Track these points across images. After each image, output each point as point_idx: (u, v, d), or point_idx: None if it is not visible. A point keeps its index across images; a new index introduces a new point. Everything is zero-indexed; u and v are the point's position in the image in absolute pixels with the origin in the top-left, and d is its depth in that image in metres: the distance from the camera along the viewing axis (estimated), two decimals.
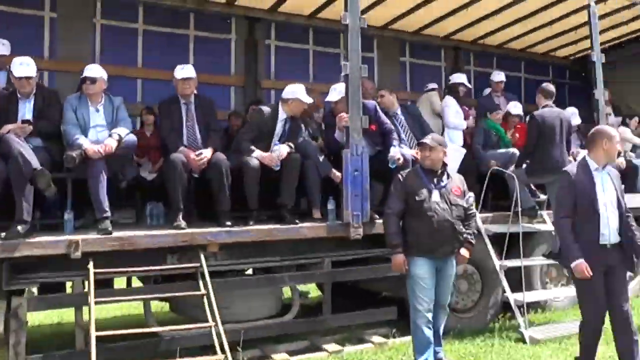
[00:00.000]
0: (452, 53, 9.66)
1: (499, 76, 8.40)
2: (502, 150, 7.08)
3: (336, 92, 5.94)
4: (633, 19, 9.12)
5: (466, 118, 7.53)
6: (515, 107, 7.68)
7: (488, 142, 7.20)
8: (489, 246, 6.08)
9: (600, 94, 7.31)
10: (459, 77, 7.70)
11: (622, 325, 4.31)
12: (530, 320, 6.32)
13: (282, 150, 5.58)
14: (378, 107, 6.31)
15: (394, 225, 4.69)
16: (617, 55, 10.41)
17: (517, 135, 7.53)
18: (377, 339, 5.71)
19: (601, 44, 9.89)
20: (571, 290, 6.47)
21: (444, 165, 4.83)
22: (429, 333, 4.61)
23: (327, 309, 5.67)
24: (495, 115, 7.44)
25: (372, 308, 5.97)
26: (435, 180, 4.72)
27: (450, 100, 7.35)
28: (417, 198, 4.61)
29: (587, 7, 7.48)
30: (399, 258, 4.63)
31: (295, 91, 5.81)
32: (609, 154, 4.37)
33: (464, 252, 4.76)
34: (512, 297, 5.92)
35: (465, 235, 4.73)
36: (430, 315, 4.62)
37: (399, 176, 4.80)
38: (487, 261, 6.15)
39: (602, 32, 9.22)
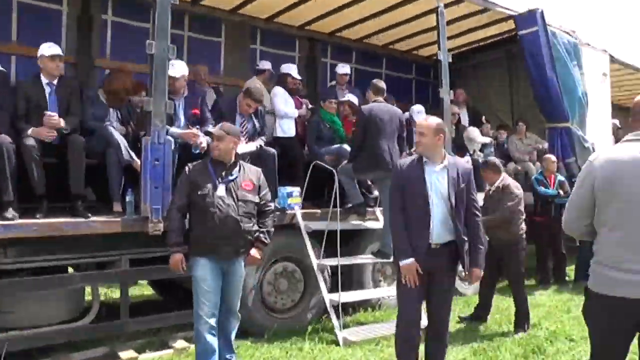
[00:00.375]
0: (307, 44, 9.30)
1: (343, 69, 8.14)
2: (337, 146, 6.77)
3: None
4: (488, 24, 9.16)
5: (298, 107, 7.18)
6: (347, 96, 7.44)
7: (323, 136, 6.86)
8: (308, 244, 5.76)
9: (446, 93, 7.22)
10: (287, 68, 7.34)
11: (436, 333, 4.10)
12: (358, 320, 6.17)
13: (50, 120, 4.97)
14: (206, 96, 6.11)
15: (174, 222, 4.25)
16: (482, 57, 10.57)
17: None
18: (180, 343, 5.26)
19: (463, 45, 10.09)
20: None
21: (237, 156, 4.44)
22: (212, 340, 4.21)
23: (125, 311, 5.13)
24: (329, 104, 7.09)
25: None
26: (223, 173, 4.31)
27: (278, 89, 6.99)
28: (199, 192, 4.21)
29: (437, 8, 7.34)
30: (175, 257, 4.22)
31: (41, 48, 5.25)
32: (420, 144, 4.05)
33: (254, 252, 4.38)
34: (328, 297, 5.62)
35: (256, 234, 4.36)
36: (213, 321, 4.21)
37: (186, 168, 4.38)
38: (310, 259, 5.83)
39: (461, 34, 9.34)
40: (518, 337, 5.66)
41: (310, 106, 7.39)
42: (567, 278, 8.66)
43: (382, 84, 6.27)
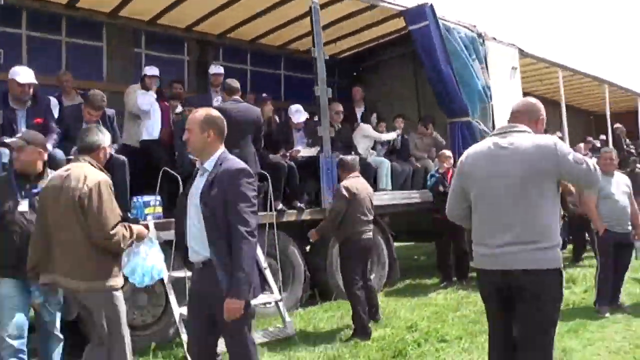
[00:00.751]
0: (197, 46, 9.00)
1: (215, 68, 7.81)
2: None
3: None
4: (383, 21, 9.04)
5: (165, 112, 6.82)
6: (219, 100, 7.09)
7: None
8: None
9: (323, 91, 7.01)
10: (147, 69, 7.01)
11: None
12: None
13: None
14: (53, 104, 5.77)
15: None
16: (386, 55, 10.46)
17: None
18: None
19: (364, 43, 9.95)
20: (269, 297, 6.04)
21: (45, 166, 4.12)
22: None
23: None
24: (188, 112, 6.73)
25: None
26: (27, 186, 3.98)
27: (138, 91, 6.70)
28: (0, 209, 3.87)
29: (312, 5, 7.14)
30: None
31: None
32: (188, 143, 3.41)
33: None
34: (177, 311, 5.29)
35: None
36: (19, 343, 3.86)
37: None
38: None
39: (357, 32, 9.19)
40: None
41: (179, 110, 7.05)
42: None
43: (235, 84, 5.97)
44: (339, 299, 6.99)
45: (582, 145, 13.10)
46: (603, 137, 14.17)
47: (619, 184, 6.48)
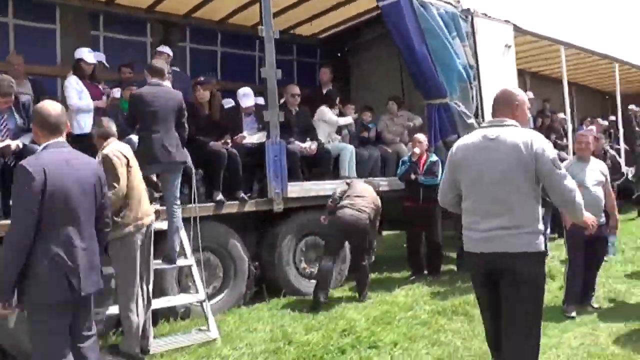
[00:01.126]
0: (160, 27, 8.57)
1: (160, 48, 7.35)
2: (127, 138, 5.96)
3: None
4: None
5: (97, 97, 6.36)
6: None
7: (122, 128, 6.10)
8: None
9: (273, 72, 6.54)
10: (79, 53, 6.44)
11: None
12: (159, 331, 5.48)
13: None
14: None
15: None
16: (370, 34, 9.94)
17: None
18: None
19: (346, 21, 9.41)
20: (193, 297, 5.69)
21: None
22: None
23: None
24: (127, 91, 6.31)
25: None
26: None
27: (70, 80, 6.20)
28: None
29: None
30: None
31: None
32: None
33: None
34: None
35: None
36: None
37: None
38: None
39: (330, 10, 8.69)
40: None
41: (116, 95, 6.67)
42: (455, 268, 8.03)
43: (160, 65, 5.48)
44: (289, 295, 6.62)
45: (593, 127, 12.36)
46: (612, 118, 13.32)
47: (594, 172, 5.90)
